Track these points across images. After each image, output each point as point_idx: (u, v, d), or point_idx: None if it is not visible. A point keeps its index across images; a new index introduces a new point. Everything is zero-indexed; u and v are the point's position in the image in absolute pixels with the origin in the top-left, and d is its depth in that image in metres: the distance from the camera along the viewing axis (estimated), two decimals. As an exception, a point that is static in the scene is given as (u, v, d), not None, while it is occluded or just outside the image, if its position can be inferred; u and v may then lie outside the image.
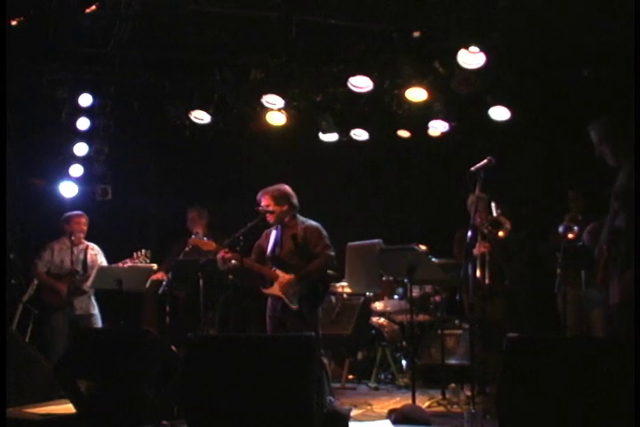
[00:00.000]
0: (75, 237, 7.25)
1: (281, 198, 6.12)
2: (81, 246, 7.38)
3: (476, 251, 6.10)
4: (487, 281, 6.06)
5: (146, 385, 4.63)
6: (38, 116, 8.00)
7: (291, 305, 5.91)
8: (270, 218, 6.10)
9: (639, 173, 4.10)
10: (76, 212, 7.46)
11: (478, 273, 6.04)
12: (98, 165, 8.36)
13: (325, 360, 6.27)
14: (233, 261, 5.94)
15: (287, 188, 6.22)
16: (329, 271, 6.56)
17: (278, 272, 5.99)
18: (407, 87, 7.30)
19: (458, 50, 6.60)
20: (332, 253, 6.13)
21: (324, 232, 6.15)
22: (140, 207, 8.81)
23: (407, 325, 7.43)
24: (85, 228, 7.39)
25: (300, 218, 6.21)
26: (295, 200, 6.18)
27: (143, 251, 6.99)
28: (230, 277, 6.44)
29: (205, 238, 6.46)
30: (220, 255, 5.98)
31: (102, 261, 7.47)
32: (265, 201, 6.11)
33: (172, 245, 7.81)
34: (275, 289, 5.98)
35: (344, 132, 8.25)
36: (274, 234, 6.18)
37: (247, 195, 8.88)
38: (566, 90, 7.26)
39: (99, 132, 8.24)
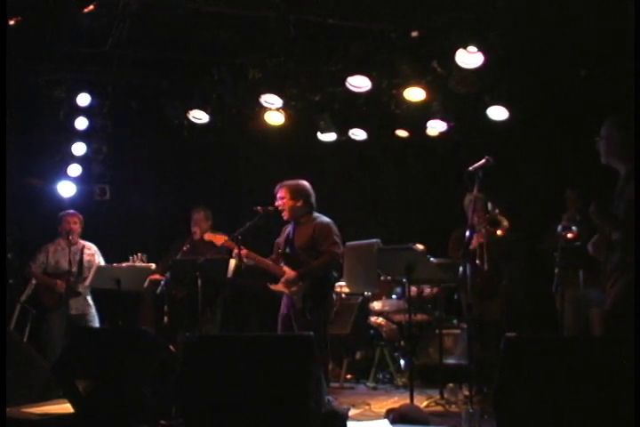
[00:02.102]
0: (72, 237, 7.25)
1: (297, 193, 6.14)
2: (77, 246, 7.38)
3: (473, 244, 6.08)
4: (486, 267, 6.07)
5: (144, 385, 4.62)
6: (36, 116, 8.00)
7: (295, 303, 5.95)
8: (284, 212, 6.12)
9: (639, 173, 4.11)
10: (68, 211, 7.47)
11: (478, 261, 6.04)
12: (96, 165, 8.35)
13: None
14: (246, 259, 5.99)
15: (306, 184, 6.25)
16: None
17: (285, 269, 6.02)
18: (405, 87, 7.30)
19: (456, 50, 6.60)
20: (339, 251, 6.13)
21: (335, 229, 6.16)
22: (138, 207, 8.81)
23: (405, 324, 7.42)
24: (77, 226, 7.38)
25: (315, 214, 6.22)
26: (312, 199, 6.20)
27: (139, 254, 6.97)
28: (229, 276, 6.46)
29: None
30: (235, 253, 6.02)
31: (100, 260, 7.47)
32: (281, 193, 6.15)
33: (171, 245, 7.81)
34: (280, 286, 6.01)
35: (342, 132, 8.24)
36: (287, 231, 6.25)
37: (245, 194, 8.92)
38: (564, 90, 7.26)
39: (97, 131, 8.23)
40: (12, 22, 6.23)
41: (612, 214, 4.26)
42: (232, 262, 6.42)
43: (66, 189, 8.23)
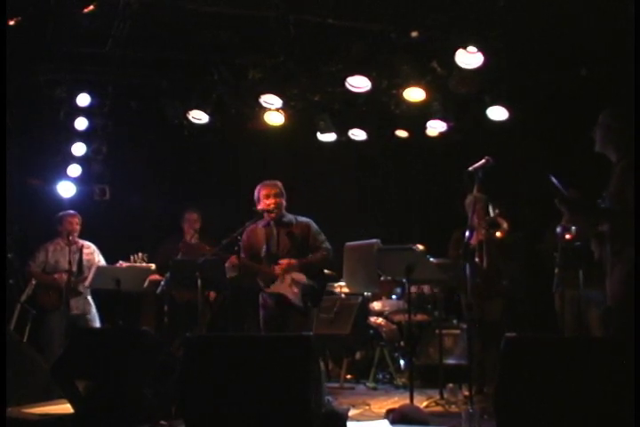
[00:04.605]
0: (71, 237, 7.25)
1: (283, 191, 6.18)
2: (76, 246, 7.37)
3: (472, 241, 6.06)
4: (485, 265, 6.07)
5: (144, 385, 4.62)
6: (36, 116, 7.99)
7: (294, 302, 5.94)
8: (275, 211, 6.08)
9: (639, 172, 4.12)
10: (68, 211, 7.46)
11: (477, 258, 6.04)
12: (96, 165, 8.34)
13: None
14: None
15: None
16: (325, 271, 6.69)
17: (275, 267, 6.02)
18: (405, 87, 7.31)
19: (456, 50, 6.61)
20: (330, 247, 6.21)
21: (317, 226, 6.22)
22: (137, 207, 8.80)
23: (405, 324, 7.43)
24: (78, 227, 7.38)
25: (289, 214, 6.23)
26: None
27: (140, 254, 6.97)
28: (229, 276, 6.46)
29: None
30: (229, 262, 5.99)
31: (100, 259, 7.47)
32: (276, 190, 6.11)
33: (160, 244, 7.79)
34: (277, 287, 6.00)
35: (342, 132, 8.25)
36: (263, 232, 6.16)
37: (245, 195, 8.91)
38: (564, 89, 7.27)
39: (97, 131, 8.23)
40: (11, 22, 6.22)
41: (588, 204, 4.29)
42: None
43: (66, 190, 8.23)
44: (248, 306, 7.71)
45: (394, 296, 7.97)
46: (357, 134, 8.33)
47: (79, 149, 8.22)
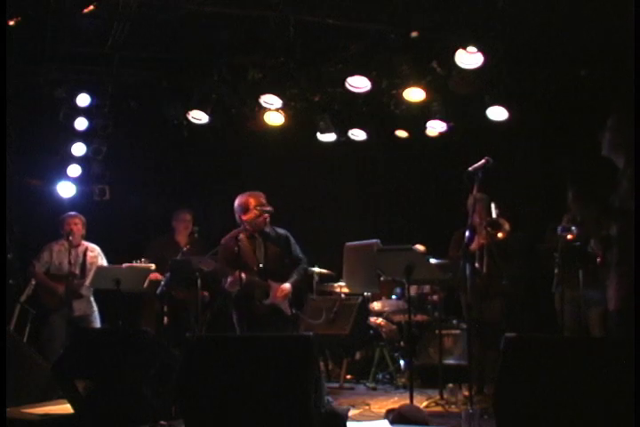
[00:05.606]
0: (73, 239, 7.23)
1: None
2: (80, 248, 7.36)
3: (474, 245, 6.08)
4: (484, 270, 6.08)
5: (144, 385, 4.62)
6: (36, 116, 7.99)
7: (286, 312, 6.10)
8: (268, 220, 6.11)
9: (639, 173, 4.11)
10: (70, 213, 7.45)
11: (477, 264, 6.05)
12: (96, 165, 8.33)
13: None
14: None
15: None
16: (324, 271, 7.03)
17: (272, 283, 6.10)
18: (405, 87, 7.31)
19: (456, 50, 6.61)
20: (304, 256, 6.38)
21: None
22: (138, 207, 8.80)
23: (405, 325, 7.43)
24: (79, 228, 7.34)
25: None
26: None
27: (142, 260, 6.97)
28: (232, 290, 6.47)
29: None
30: (234, 277, 5.99)
31: (103, 262, 7.44)
32: (264, 199, 6.15)
33: (150, 245, 7.77)
34: (274, 300, 6.06)
35: (342, 133, 8.25)
36: (249, 244, 6.17)
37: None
38: (564, 90, 7.26)
39: (97, 132, 8.20)
40: (12, 22, 6.23)
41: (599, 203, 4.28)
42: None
43: (65, 190, 8.21)
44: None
45: (394, 296, 7.97)
46: (357, 134, 8.32)
47: (79, 149, 8.20)
